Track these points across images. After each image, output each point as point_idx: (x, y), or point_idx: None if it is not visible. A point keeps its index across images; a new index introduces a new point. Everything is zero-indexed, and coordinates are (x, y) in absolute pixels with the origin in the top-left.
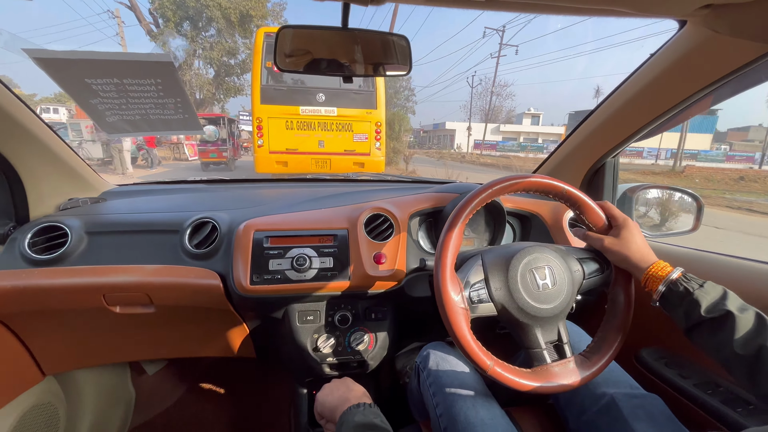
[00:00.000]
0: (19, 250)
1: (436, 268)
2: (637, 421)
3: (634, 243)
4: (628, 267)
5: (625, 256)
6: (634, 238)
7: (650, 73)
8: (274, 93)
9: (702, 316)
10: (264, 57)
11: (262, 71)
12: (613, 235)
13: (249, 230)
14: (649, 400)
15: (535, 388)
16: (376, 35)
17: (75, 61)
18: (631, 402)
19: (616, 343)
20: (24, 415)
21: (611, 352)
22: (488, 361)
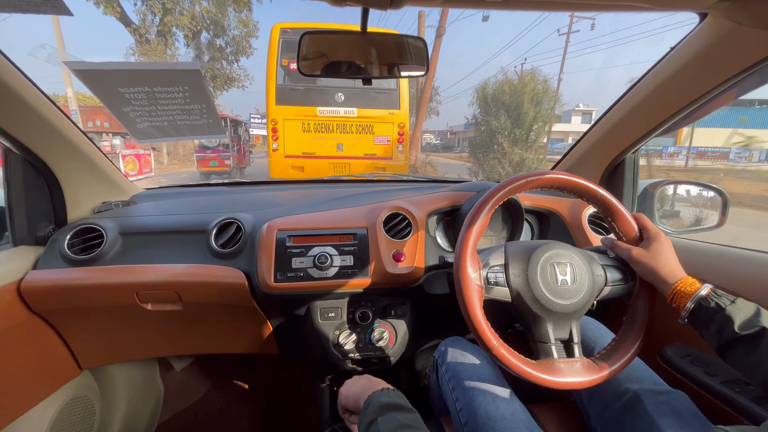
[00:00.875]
0: (59, 251)
1: (458, 243)
2: (662, 416)
3: (664, 257)
4: (654, 280)
5: (653, 268)
6: (664, 251)
7: (670, 67)
8: (290, 93)
9: (736, 332)
10: (280, 55)
11: (277, 70)
12: (643, 246)
13: (272, 230)
14: (674, 396)
15: (535, 378)
16: (394, 38)
17: (110, 71)
18: (656, 398)
19: (629, 354)
20: (63, 407)
21: (622, 362)
22: (495, 341)
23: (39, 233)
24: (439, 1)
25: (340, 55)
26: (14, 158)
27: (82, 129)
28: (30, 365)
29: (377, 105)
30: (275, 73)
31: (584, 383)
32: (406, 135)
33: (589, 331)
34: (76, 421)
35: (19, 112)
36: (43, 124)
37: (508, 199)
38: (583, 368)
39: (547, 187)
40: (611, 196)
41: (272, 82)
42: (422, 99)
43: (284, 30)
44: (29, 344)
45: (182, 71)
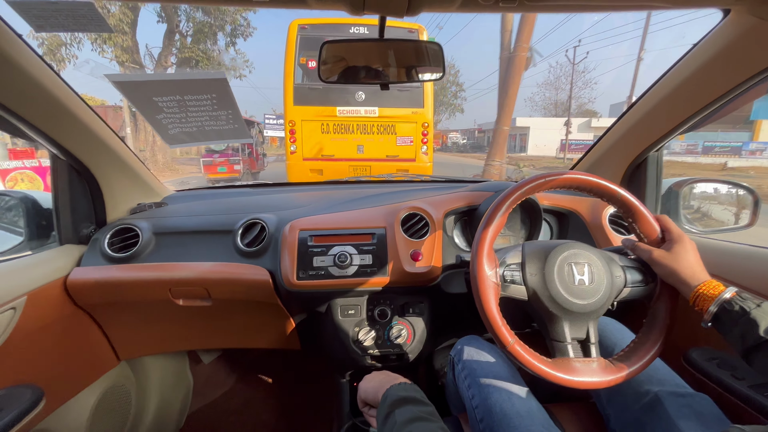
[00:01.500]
0: (100, 249)
1: (475, 241)
2: (683, 419)
3: (686, 259)
4: (675, 282)
5: (674, 270)
6: (686, 253)
7: (694, 64)
8: (308, 93)
9: (762, 337)
10: (298, 53)
11: (295, 69)
12: (665, 248)
13: (294, 230)
14: (697, 399)
15: (549, 375)
16: (411, 43)
17: (145, 82)
18: (678, 401)
19: (648, 356)
20: (103, 394)
21: (641, 364)
22: (510, 338)
23: (82, 233)
24: (455, 6)
25: (359, 60)
26: (61, 164)
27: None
28: (76, 355)
29: (400, 104)
30: (293, 72)
31: (600, 383)
32: (431, 135)
33: (610, 331)
34: (115, 408)
35: (66, 122)
36: (86, 132)
37: (526, 199)
38: (600, 368)
39: (564, 187)
40: (632, 196)
41: (290, 82)
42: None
43: (302, 27)
44: (74, 336)
45: (210, 80)
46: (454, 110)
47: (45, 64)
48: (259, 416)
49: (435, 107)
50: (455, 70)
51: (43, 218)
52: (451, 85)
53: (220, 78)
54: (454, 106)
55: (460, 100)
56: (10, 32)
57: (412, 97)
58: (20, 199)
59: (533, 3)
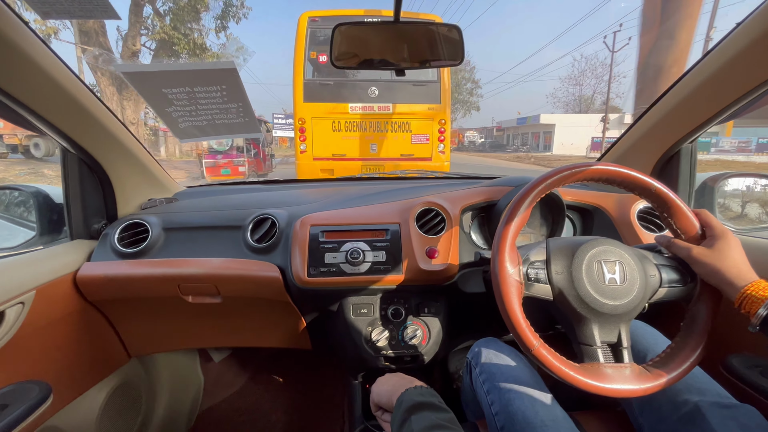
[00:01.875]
0: (110, 244)
1: (496, 236)
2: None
3: (731, 257)
4: (719, 283)
5: (718, 269)
6: (731, 251)
7: (736, 45)
8: (319, 89)
9: None
10: (308, 47)
11: (305, 64)
12: (706, 245)
13: (305, 225)
14: (742, 411)
15: (578, 382)
16: (428, 26)
17: (155, 72)
18: (721, 412)
19: (688, 363)
20: (113, 391)
21: (679, 371)
22: (534, 341)
23: (93, 228)
24: None
25: (374, 46)
26: (71, 158)
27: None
28: (85, 351)
29: (415, 99)
30: (303, 67)
31: (634, 391)
32: (448, 132)
33: (641, 335)
34: (125, 406)
35: (76, 114)
36: (96, 126)
37: (548, 194)
38: (633, 375)
39: (593, 179)
40: (668, 189)
41: (299, 78)
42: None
43: (312, 19)
44: (84, 331)
45: (220, 70)
46: (470, 108)
47: (55, 55)
48: (269, 416)
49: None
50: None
51: (54, 213)
52: (466, 81)
53: (229, 68)
54: (470, 103)
55: (476, 98)
56: (19, 22)
57: (429, 92)
58: (32, 193)
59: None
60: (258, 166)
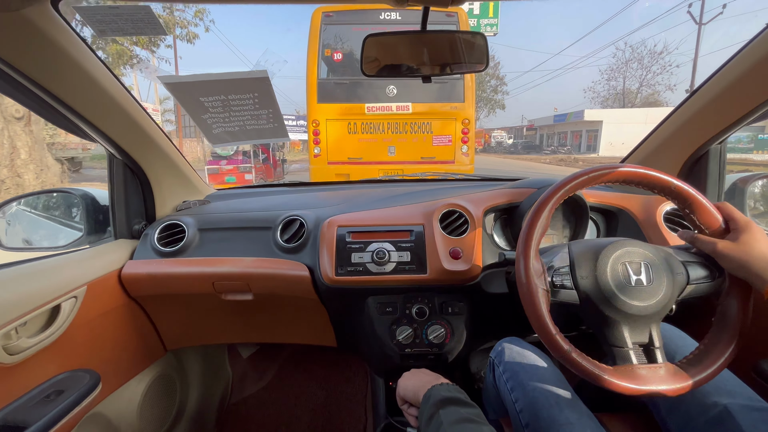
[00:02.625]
0: (150, 244)
1: (519, 246)
2: None
3: (757, 248)
4: (747, 276)
5: (745, 262)
6: (757, 242)
7: (764, 47)
8: (333, 88)
9: None
10: (322, 44)
11: (319, 62)
12: (731, 238)
13: (333, 226)
14: None
15: (613, 385)
16: (453, 35)
17: (194, 83)
18: (752, 415)
19: (722, 359)
20: (152, 382)
21: (714, 368)
22: (566, 346)
23: (134, 228)
24: None
25: (402, 54)
26: (117, 163)
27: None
28: (128, 343)
29: (437, 98)
30: (316, 66)
31: (671, 391)
32: (472, 133)
33: (669, 338)
34: (162, 396)
35: (122, 122)
36: (140, 132)
37: (571, 196)
38: (669, 375)
39: (612, 181)
40: (687, 186)
41: (313, 77)
42: None
43: (326, 14)
44: (127, 325)
45: (254, 79)
46: (494, 107)
47: (105, 66)
48: (293, 411)
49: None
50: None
51: (100, 213)
52: (490, 78)
53: (262, 77)
54: (494, 102)
55: (501, 95)
56: (75, 36)
57: (451, 90)
58: (81, 196)
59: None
60: (267, 172)
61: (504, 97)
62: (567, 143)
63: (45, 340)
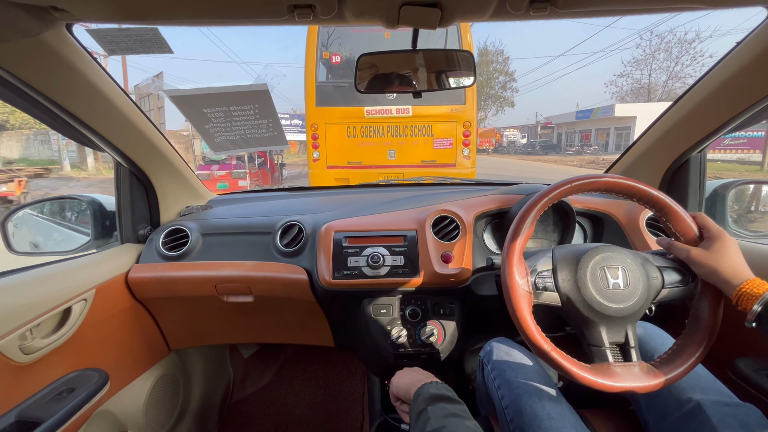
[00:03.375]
0: (155, 248)
1: (504, 251)
2: (727, 429)
3: (728, 257)
4: (717, 282)
5: (715, 269)
6: (728, 251)
7: (739, 61)
8: (332, 92)
9: None
10: (319, 47)
11: (317, 66)
12: (704, 247)
13: (330, 231)
14: (743, 410)
15: (590, 381)
16: (442, 53)
17: (197, 96)
18: (722, 410)
19: (693, 359)
20: (157, 381)
21: (684, 367)
22: (546, 346)
23: (140, 233)
24: (486, 16)
25: (392, 69)
26: (124, 171)
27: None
28: (134, 344)
29: (437, 101)
30: (315, 69)
31: (643, 388)
32: (474, 136)
33: (650, 336)
34: (166, 394)
35: (129, 133)
36: (146, 143)
37: (558, 202)
38: (642, 373)
39: (594, 190)
40: (665, 196)
41: (311, 80)
42: None
43: None
44: (133, 326)
45: (254, 92)
46: (503, 104)
47: (115, 83)
48: (293, 410)
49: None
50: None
51: (107, 219)
52: (498, 74)
53: (262, 90)
54: (503, 99)
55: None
56: (88, 56)
57: (452, 92)
58: (88, 202)
59: (564, 10)
60: (264, 178)
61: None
62: (591, 142)
63: (57, 341)
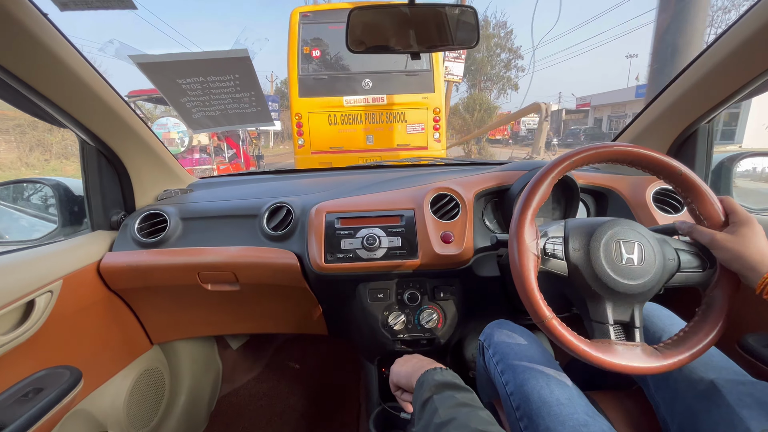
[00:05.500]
0: (130, 235)
1: (516, 209)
2: (744, 408)
3: (755, 243)
4: (741, 268)
5: (741, 254)
6: (755, 237)
7: (754, 23)
8: (313, 83)
9: None
10: (301, 42)
11: (299, 59)
12: (729, 231)
13: (321, 212)
14: (759, 387)
15: (588, 355)
16: (442, 9)
17: (169, 63)
18: (737, 388)
19: (698, 347)
20: (139, 376)
21: (689, 354)
22: (547, 312)
23: (113, 219)
24: None
25: (388, 30)
26: (90, 150)
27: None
28: (111, 338)
29: (409, 89)
30: (297, 62)
31: (643, 369)
32: (443, 121)
33: (657, 317)
34: (150, 390)
35: (93, 106)
36: (113, 117)
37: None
38: (644, 354)
39: (617, 160)
40: (695, 175)
41: (294, 73)
42: None
43: (304, 14)
44: (109, 319)
45: (233, 59)
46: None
47: (73, 47)
48: (287, 400)
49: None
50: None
51: (75, 204)
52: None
53: (242, 57)
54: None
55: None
56: (36, 11)
57: (422, 81)
58: (53, 186)
59: None
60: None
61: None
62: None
63: (19, 337)
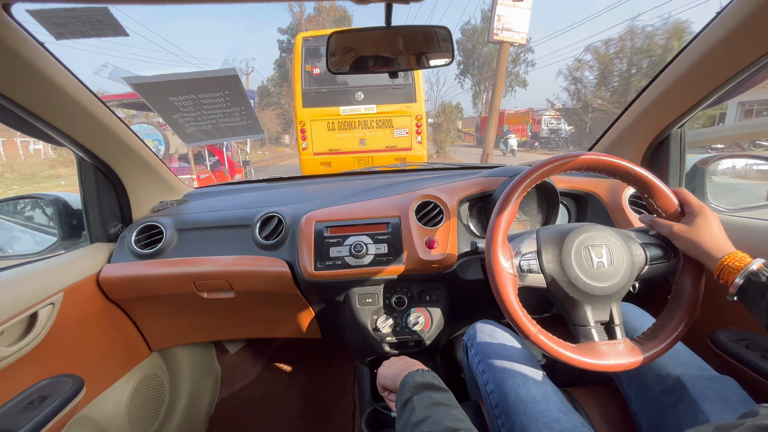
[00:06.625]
0: (128, 246)
1: (488, 234)
2: (706, 401)
3: (709, 231)
4: (699, 256)
5: (697, 243)
6: (709, 226)
7: (719, 33)
8: (314, 96)
9: None
10: (304, 61)
11: (302, 76)
12: (686, 222)
13: (311, 221)
14: (721, 382)
15: (576, 362)
16: (418, 29)
17: (161, 83)
18: (701, 383)
19: (676, 333)
20: (139, 383)
21: (668, 341)
22: (532, 328)
23: (110, 231)
24: None
25: (367, 50)
26: (87, 166)
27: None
28: (111, 346)
29: (394, 100)
30: (300, 78)
31: (628, 365)
32: (424, 126)
33: (631, 317)
34: (150, 396)
35: (89, 125)
36: (108, 134)
37: (542, 183)
38: (627, 350)
39: (577, 168)
40: (646, 172)
41: (298, 87)
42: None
43: (306, 39)
44: (109, 328)
45: (222, 77)
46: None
47: (66, 70)
48: (284, 402)
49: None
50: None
51: (73, 218)
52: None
53: (230, 75)
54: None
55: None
56: (33, 41)
57: (405, 93)
58: (52, 201)
59: None
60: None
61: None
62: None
63: (24, 348)
